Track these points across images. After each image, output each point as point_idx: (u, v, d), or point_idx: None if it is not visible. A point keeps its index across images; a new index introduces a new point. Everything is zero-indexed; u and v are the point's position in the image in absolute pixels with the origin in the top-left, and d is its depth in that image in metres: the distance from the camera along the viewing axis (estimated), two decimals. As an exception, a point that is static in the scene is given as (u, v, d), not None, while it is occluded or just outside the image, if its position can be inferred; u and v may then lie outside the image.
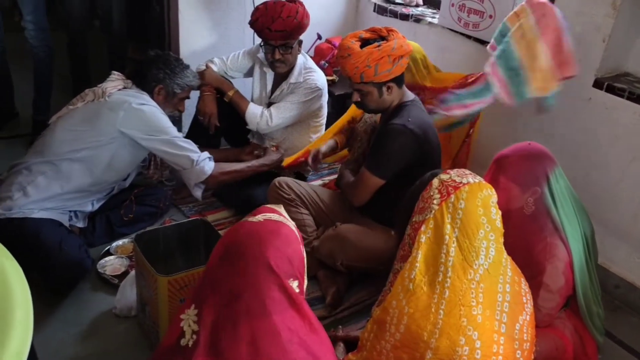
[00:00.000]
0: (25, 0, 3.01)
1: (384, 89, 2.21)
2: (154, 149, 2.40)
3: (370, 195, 2.28)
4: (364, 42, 2.20)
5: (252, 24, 2.72)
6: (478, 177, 1.49)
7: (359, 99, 2.27)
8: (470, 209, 1.41)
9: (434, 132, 2.29)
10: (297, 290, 1.31)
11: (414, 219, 1.48)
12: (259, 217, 1.34)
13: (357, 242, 2.25)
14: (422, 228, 1.42)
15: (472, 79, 2.65)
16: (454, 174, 1.48)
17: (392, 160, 2.22)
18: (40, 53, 3.16)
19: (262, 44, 2.79)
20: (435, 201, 1.43)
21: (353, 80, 2.21)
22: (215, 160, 2.53)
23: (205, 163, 2.44)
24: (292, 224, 1.39)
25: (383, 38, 2.21)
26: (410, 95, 2.32)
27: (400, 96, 2.28)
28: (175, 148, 2.39)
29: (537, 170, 1.84)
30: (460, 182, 1.44)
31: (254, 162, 2.71)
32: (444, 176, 1.48)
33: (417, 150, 2.19)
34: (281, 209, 1.43)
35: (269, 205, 1.42)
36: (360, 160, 2.50)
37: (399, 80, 2.24)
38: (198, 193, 2.50)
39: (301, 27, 2.70)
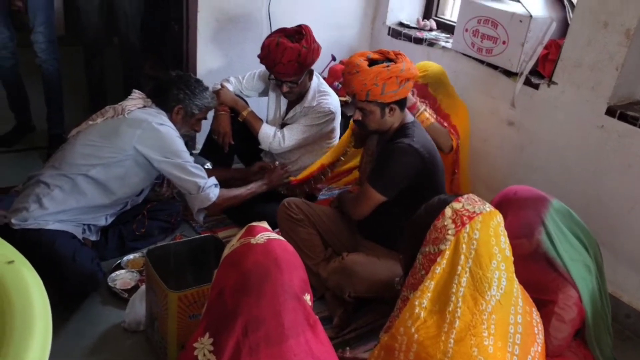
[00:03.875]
0: (38, 12, 3.03)
1: (387, 110, 2.21)
2: (164, 170, 2.42)
3: (370, 210, 2.25)
4: (372, 62, 2.21)
5: (261, 60, 2.77)
6: (488, 205, 1.48)
7: (360, 118, 2.25)
8: (484, 239, 1.40)
9: (438, 154, 2.28)
10: (310, 304, 1.32)
11: (426, 249, 1.46)
12: (260, 239, 1.33)
13: (364, 275, 2.22)
14: (438, 259, 1.41)
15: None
16: (466, 202, 1.47)
17: (396, 179, 2.19)
18: (49, 67, 3.18)
19: (270, 77, 2.84)
20: (450, 232, 1.42)
21: (358, 98, 2.19)
22: (223, 180, 2.55)
23: (211, 190, 2.46)
24: (282, 238, 1.41)
25: (390, 60, 2.22)
26: (410, 117, 2.31)
27: (400, 119, 2.27)
28: (185, 173, 2.41)
29: (530, 218, 1.78)
30: (474, 212, 1.44)
31: (253, 186, 2.71)
32: (456, 205, 1.46)
33: (421, 170, 2.18)
34: (265, 224, 1.44)
35: (255, 224, 1.41)
36: None
37: (401, 103, 2.23)
38: (200, 217, 2.55)
39: (305, 65, 2.71)
